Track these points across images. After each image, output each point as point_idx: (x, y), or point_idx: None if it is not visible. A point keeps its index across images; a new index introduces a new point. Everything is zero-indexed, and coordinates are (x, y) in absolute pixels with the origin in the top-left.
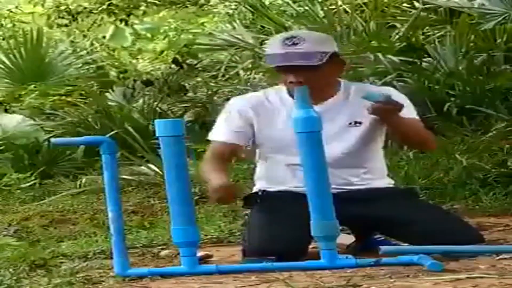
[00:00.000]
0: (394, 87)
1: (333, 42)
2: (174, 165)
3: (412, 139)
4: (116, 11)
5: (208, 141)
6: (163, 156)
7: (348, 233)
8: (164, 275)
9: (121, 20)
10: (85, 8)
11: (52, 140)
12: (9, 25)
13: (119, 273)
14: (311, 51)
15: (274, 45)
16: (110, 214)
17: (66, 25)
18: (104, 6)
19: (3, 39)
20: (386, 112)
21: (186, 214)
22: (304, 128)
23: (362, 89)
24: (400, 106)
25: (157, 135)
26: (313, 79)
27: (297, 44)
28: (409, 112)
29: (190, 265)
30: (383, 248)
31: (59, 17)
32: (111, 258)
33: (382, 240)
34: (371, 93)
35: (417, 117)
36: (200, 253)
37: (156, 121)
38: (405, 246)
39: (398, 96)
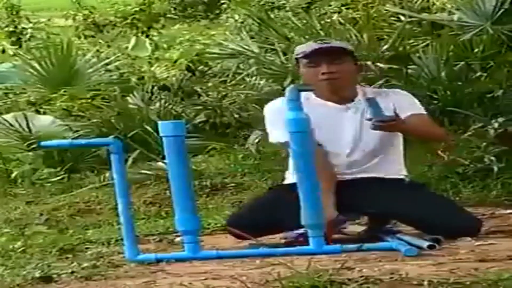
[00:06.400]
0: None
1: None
2: (175, 162)
3: (422, 137)
4: (139, 24)
5: (218, 139)
6: (166, 154)
7: (358, 223)
8: (178, 260)
9: (142, 32)
10: (110, 21)
11: (42, 143)
12: (42, 37)
13: (130, 258)
14: (340, 46)
15: (306, 46)
16: (119, 206)
17: (92, 36)
18: (128, 20)
19: (36, 49)
20: (387, 127)
21: (187, 205)
22: (295, 129)
23: (377, 92)
24: (398, 120)
25: (160, 135)
26: (342, 71)
27: (328, 42)
28: (416, 109)
29: (192, 250)
30: None
31: (86, 28)
32: None
33: (388, 229)
34: (374, 112)
35: (424, 112)
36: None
37: (160, 122)
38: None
39: (405, 96)
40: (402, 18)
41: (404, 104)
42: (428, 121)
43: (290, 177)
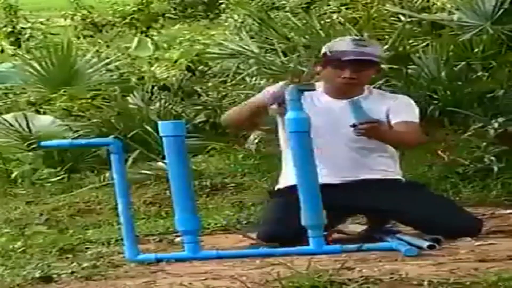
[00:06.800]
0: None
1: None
2: (175, 162)
3: (396, 145)
4: (138, 24)
5: (218, 139)
6: (166, 154)
7: (358, 223)
8: (178, 260)
9: (141, 32)
10: (109, 21)
11: (42, 143)
12: (41, 37)
13: (130, 258)
14: (375, 53)
15: (343, 43)
16: (119, 206)
17: (91, 36)
18: (127, 20)
19: (36, 49)
20: (368, 130)
21: (187, 205)
22: (295, 128)
23: (382, 94)
24: (376, 123)
25: (160, 135)
26: (361, 78)
27: (366, 45)
28: (409, 117)
29: (192, 250)
30: None
31: (85, 28)
32: None
33: (388, 229)
34: (355, 115)
35: (416, 121)
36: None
37: (160, 122)
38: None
39: (404, 101)
40: (402, 18)
41: (399, 109)
42: (413, 129)
43: (286, 179)
